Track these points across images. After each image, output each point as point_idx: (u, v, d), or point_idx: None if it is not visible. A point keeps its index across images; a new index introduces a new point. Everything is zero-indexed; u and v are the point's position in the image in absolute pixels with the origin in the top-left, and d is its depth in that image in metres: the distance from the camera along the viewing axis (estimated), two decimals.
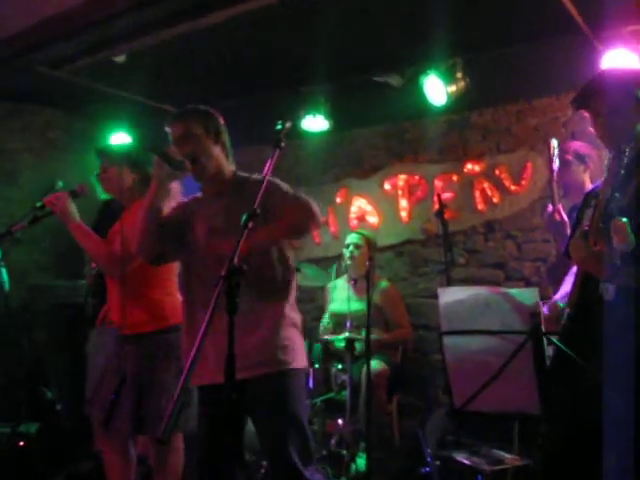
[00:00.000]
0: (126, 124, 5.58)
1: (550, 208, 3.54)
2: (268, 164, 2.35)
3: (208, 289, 2.58)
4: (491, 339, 2.26)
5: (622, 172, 2.35)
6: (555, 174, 3.49)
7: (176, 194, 3.03)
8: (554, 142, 3.54)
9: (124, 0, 3.90)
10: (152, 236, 2.77)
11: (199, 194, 2.92)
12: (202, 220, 2.82)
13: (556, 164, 3.50)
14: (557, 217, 3.47)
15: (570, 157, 3.78)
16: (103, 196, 3.59)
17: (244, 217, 2.17)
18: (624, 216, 2.11)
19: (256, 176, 2.82)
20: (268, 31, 4.40)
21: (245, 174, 2.90)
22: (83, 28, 4.21)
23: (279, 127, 2.45)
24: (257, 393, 2.61)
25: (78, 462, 4.54)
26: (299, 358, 2.75)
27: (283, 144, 2.41)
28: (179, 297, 3.32)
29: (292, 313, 2.79)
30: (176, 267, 3.36)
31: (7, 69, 4.74)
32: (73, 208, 3.23)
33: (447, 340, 2.40)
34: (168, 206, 2.83)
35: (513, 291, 2.32)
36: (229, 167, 2.87)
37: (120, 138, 5.45)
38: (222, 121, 2.88)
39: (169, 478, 3.34)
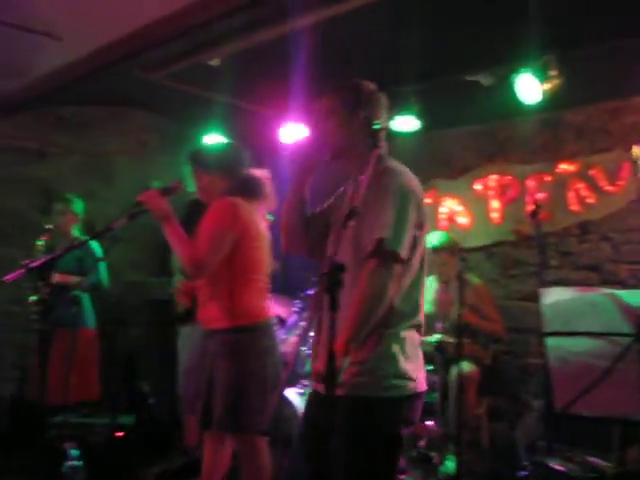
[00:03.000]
0: (218, 126, 5.68)
1: None
2: (370, 165, 2.30)
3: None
4: (596, 341, 2.20)
5: None
6: None
7: None
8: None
9: (219, 5, 3.98)
10: (295, 232, 2.60)
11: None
12: (339, 210, 2.56)
13: None
14: None
15: None
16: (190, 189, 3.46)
17: (345, 214, 2.14)
18: None
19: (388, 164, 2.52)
20: (359, 31, 4.42)
21: (386, 164, 2.53)
22: (178, 34, 4.30)
23: (376, 127, 2.44)
24: None
25: (171, 457, 4.67)
26: None
27: (380, 143, 2.40)
28: (259, 296, 3.31)
29: None
30: (265, 265, 3.35)
31: (106, 74, 4.91)
32: (166, 205, 3.13)
33: (550, 341, 2.35)
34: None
35: (621, 292, 2.25)
36: (373, 151, 2.46)
37: (213, 139, 5.55)
38: (378, 99, 2.58)
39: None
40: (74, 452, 3.65)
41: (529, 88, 4.69)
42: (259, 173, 3.43)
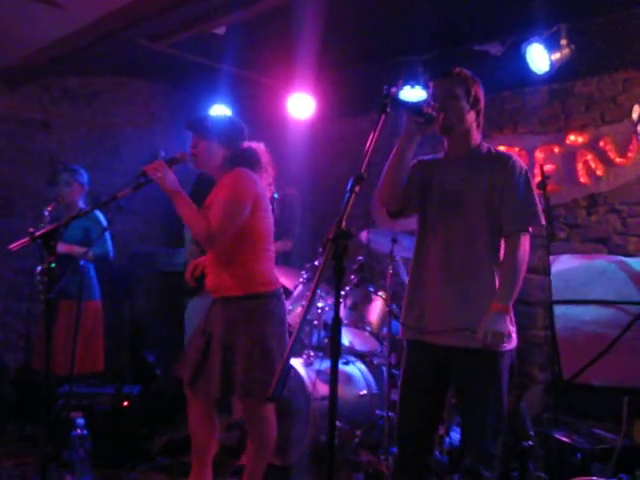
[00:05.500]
0: (225, 96, 5.63)
1: None
2: (374, 131, 2.29)
3: (438, 250, 2.77)
4: (605, 309, 2.17)
5: None
6: None
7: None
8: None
9: None
10: (398, 189, 2.79)
11: (442, 154, 2.96)
12: (439, 181, 2.86)
13: None
14: None
15: None
16: None
17: (351, 180, 2.11)
18: None
19: (499, 149, 2.92)
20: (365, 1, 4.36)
21: (488, 145, 2.92)
22: (181, 2, 4.24)
23: (385, 92, 2.41)
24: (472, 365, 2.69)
25: (177, 427, 4.68)
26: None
27: (389, 109, 2.36)
28: (271, 266, 3.38)
29: None
30: (271, 235, 3.40)
31: (110, 43, 4.85)
32: (172, 176, 3.15)
33: (558, 310, 2.33)
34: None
35: (631, 260, 2.22)
36: (477, 135, 2.90)
37: (218, 110, 5.51)
38: (482, 91, 2.93)
39: (263, 445, 3.37)
40: (80, 421, 3.66)
41: (539, 58, 4.62)
42: (256, 146, 3.47)
